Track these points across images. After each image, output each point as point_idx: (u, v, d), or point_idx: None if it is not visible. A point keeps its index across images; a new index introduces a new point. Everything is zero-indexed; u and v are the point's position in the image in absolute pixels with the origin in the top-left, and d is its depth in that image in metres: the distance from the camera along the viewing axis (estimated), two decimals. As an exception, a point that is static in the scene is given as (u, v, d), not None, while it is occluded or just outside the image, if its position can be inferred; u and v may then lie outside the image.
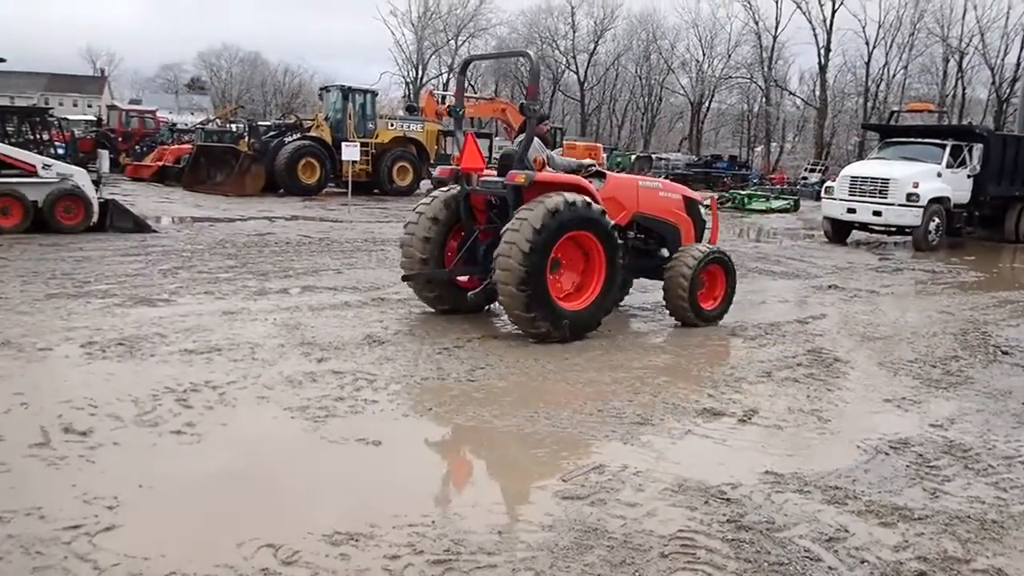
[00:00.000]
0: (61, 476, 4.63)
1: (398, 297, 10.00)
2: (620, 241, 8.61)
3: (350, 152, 22.27)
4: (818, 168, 50.65)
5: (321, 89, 31.78)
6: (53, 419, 5.41)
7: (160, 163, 31.28)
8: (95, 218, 15.39)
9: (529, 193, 8.10)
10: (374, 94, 29.40)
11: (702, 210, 10.14)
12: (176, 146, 34.38)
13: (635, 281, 10.29)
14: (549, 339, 8.02)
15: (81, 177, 15.39)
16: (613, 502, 4.58)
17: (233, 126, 36.92)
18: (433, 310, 9.22)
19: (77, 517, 4.09)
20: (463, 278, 8.95)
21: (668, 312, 9.44)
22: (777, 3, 64.23)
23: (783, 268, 15.22)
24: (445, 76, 78.02)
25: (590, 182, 8.83)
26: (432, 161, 28.16)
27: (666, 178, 46.03)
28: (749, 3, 66.13)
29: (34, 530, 3.94)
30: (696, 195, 10.26)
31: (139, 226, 15.89)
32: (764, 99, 69.73)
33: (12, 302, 8.91)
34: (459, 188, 8.82)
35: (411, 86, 77.49)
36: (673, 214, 9.70)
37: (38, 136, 17.26)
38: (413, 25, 78.11)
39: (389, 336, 8.04)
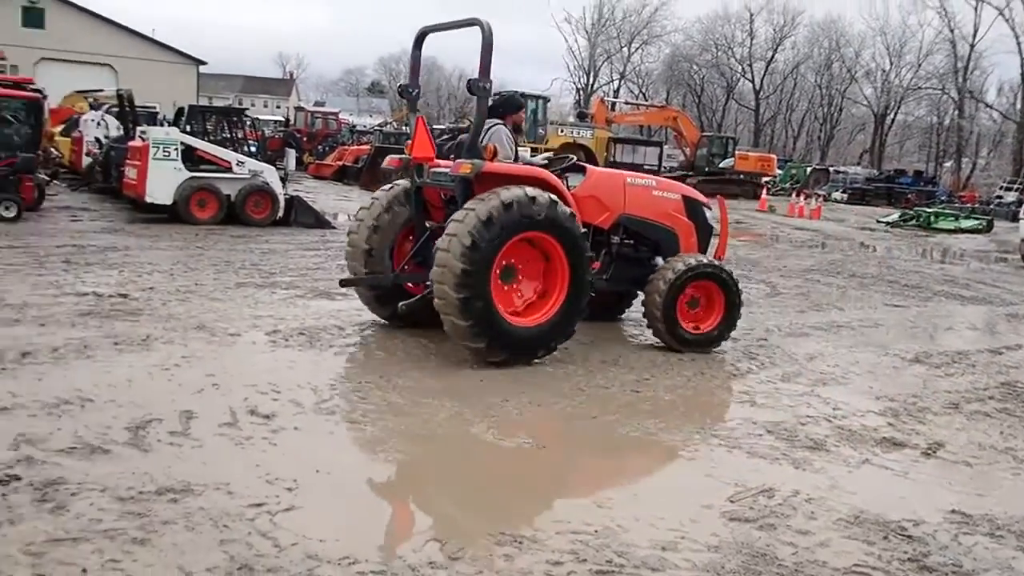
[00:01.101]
0: (247, 455, 4.90)
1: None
2: (591, 252, 7.37)
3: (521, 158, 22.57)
4: (1016, 187, 47.17)
5: (495, 95, 32.39)
6: (240, 401, 5.75)
7: (340, 162, 32.85)
8: (280, 213, 16.33)
9: (481, 187, 6.94)
10: (546, 100, 29.76)
11: (708, 215, 8.80)
12: (355, 147, 36.00)
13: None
14: (490, 359, 6.87)
15: (270, 174, 16.37)
16: (783, 528, 4.40)
17: (408, 129, 38.24)
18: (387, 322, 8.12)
19: (260, 496, 4.31)
20: (414, 283, 7.89)
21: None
22: (976, 10, 60.41)
23: (972, 292, 14.23)
24: (616, 83, 77.88)
25: (563, 177, 7.78)
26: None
27: (843, 192, 44.24)
28: (944, 10, 62.55)
29: (222, 504, 4.18)
30: (700, 196, 8.83)
31: (320, 222, 16.72)
32: (957, 112, 65.61)
33: (206, 289, 9.57)
34: (410, 179, 7.75)
35: (582, 92, 77.84)
36: (669, 217, 8.35)
37: (233, 135, 18.49)
38: (587, 32, 78.51)
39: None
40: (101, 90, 25.65)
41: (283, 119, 49.94)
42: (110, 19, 49.90)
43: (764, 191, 35.85)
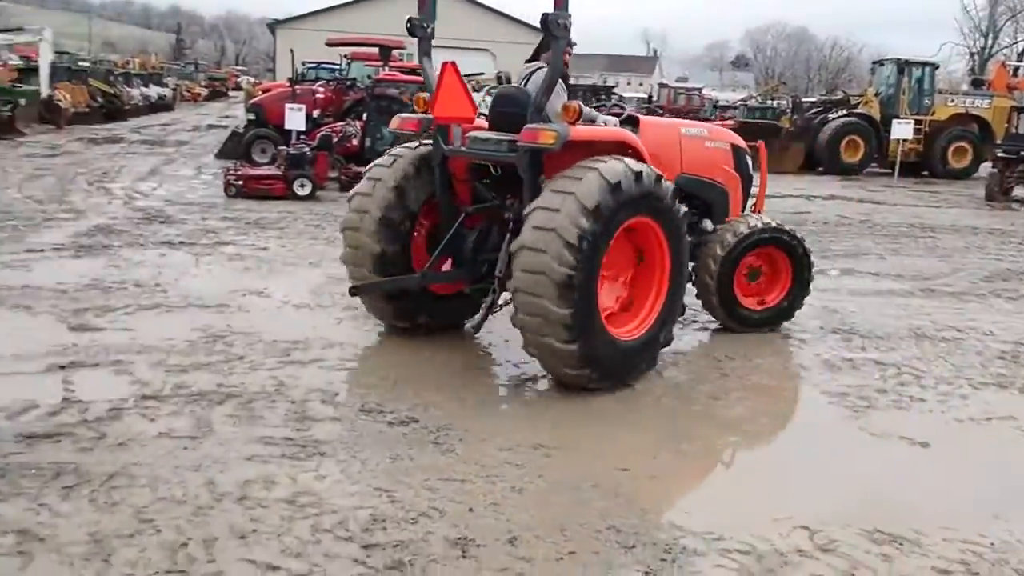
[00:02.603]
0: (606, 421, 5.06)
1: (950, 290, 9.08)
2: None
3: (901, 130, 20.78)
4: None
5: (874, 63, 30.04)
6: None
7: (703, 139, 32.47)
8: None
9: (556, 160, 5.39)
10: (934, 67, 27.00)
11: (749, 163, 7.31)
12: (719, 122, 35.45)
13: None
14: (588, 387, 5.32)
15: (635, 150, 16.65)
16: None
17: (775, 103, 36.84)
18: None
19: (625, 461, 4.42)
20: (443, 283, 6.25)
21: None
22: None
23: None
24: (1022, 45, 68.72)
25: None
26: (997, 141, 25.04)
27: None
28: None
29: (589, 464, 4.36)
30: (742, 142, 7.31)
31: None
32: None
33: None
34: (432, 147, 5.99)
35: (976, 57, 69.76)
36: (723, 172, 6.91)
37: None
38: (989, -11, 69.95)
39: (935, 331, 7.33)
40: (481, 73, 27.65)
41: (646, 96, 50.55)
42: (488, 6, 53.82)
43: None
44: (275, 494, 3.83)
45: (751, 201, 7.48)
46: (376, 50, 19.17)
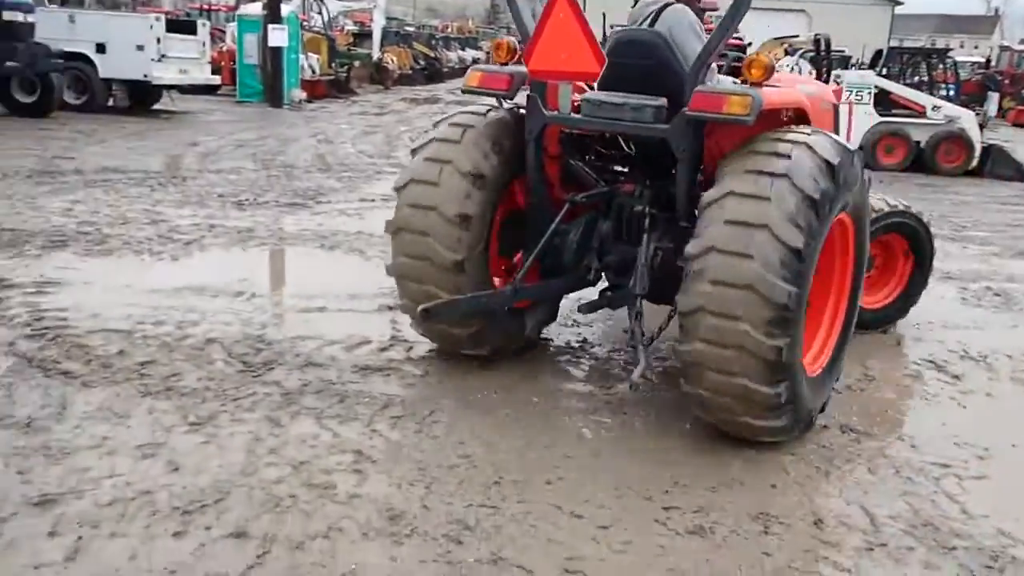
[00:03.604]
0: (931, 412, 4.69)
1: None
2: None
3: None
4: None
5: None
6: (926, 355, 5.51)
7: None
8: (974, 162, 15.04)
9: (716, 135, 4.26)
10: None
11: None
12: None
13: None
14: (765, 439, 3.98)
15: (967, 120, 15.12)
16: None
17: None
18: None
19: (947, 457, 4.08)
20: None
21: None
22: None
23: None
24: None
25: None
26: None
27: None
28: None
29: (906, 456, 4.07)
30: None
31: (1021, 174, 14.99)
32: None
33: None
34: (527, 113, 4.51)
35: None
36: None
37: (930, 77, 17.46)
38: None
39: None
40: (796, 36, 26.31)
41: (982, 60, 45.50)
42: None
43: None
44: (579, 448, 3.96)
45: None
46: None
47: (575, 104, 4.40)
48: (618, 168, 4.92)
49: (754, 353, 3.60)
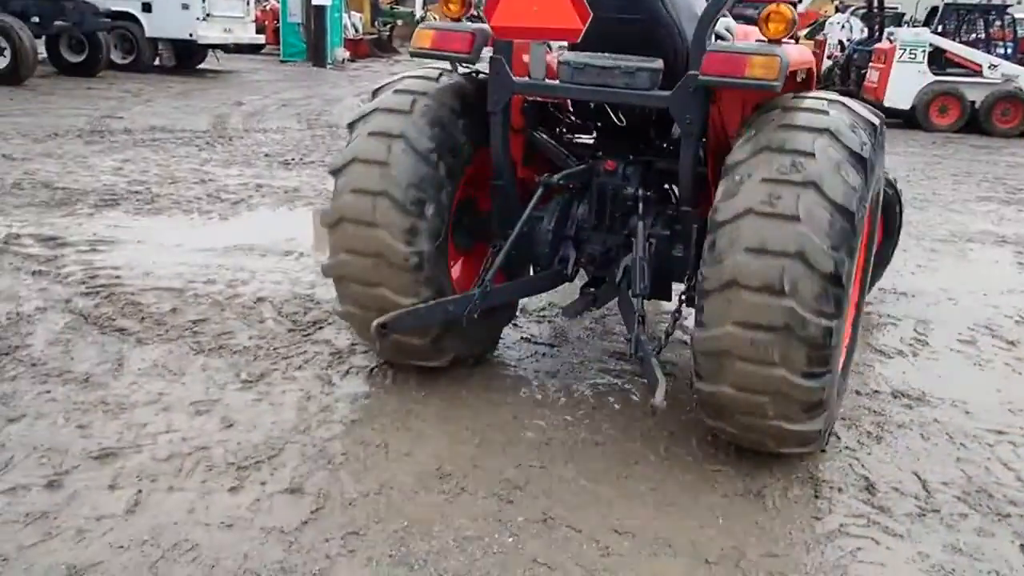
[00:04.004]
0: (985, 378, 4.60)
1: None
2: None
3: None
4: None
5: None
6: (982, 319, 5.41)
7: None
8: (1034, 123, 14.66)
9: (732, 102, 3.60)
10: None
11: None
12: None
13: None
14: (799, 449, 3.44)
15: (1025, 79, 14.71)
16: None
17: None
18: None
19: (1002, 424, 4.02)
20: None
21: None
22: None
23: None
24: None
25: None
26: None
27: None
28: None
29: (959, 422, 4.01)
30: None
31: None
32: None
33: (944, 199, 9.12)
34: (491, 80, 3.77)
35: None
36: None
37: (988, 35, 16.95)
38: None
39: None
40: (839, -2, 25.65)
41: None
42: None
43: None
44: (626, 411, 3.96)
45: None
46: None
47: (552, 70, 3.87)
48: (585, 140, 4.39)
49: (787, 395, 3.07)
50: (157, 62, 17.81)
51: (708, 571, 2.83)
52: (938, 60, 14.93)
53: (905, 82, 14.75)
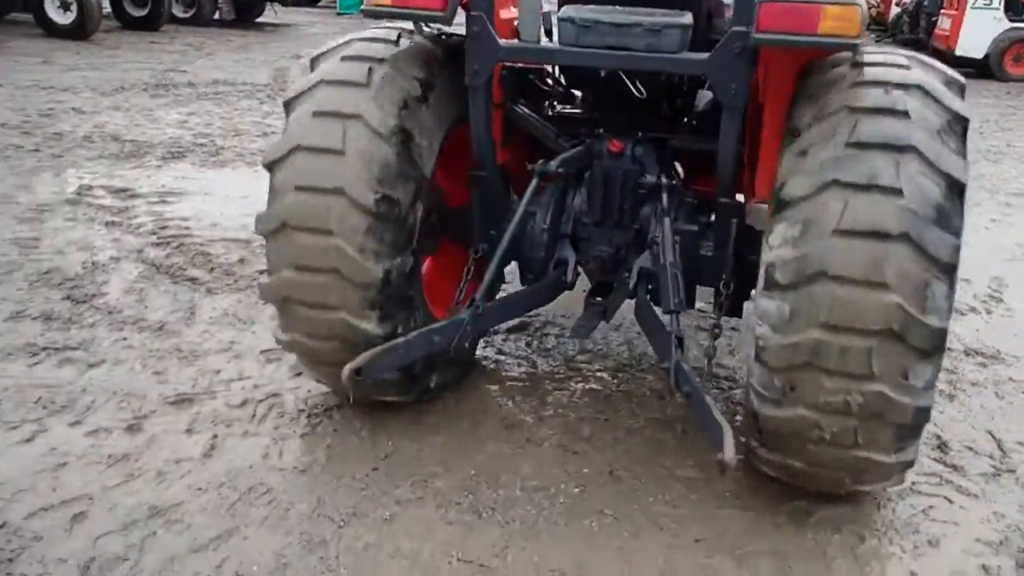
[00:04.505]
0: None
1: None
2: None
3: None
4: None
5: None
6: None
7: None
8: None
9: (780, 64, 2.89)
10: None
11: None
12: None
13: None
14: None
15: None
16: None
17: None
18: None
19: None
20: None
21: None
22: None
23: None
24: None
25: None
26: None
27: None
28: None
29: (1035, 382, 3.93)
30: None
31: None
32: None
33: (1020, 152, 8.82)
34: (469, 44, 2.99)
35: None
36: None
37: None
38: None
39: None
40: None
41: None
42: None
43: None
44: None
45: None
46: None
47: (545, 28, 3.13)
48: (574, 113, 3.71)
49: (884, 417, 2.45)
50: (217, 16, 17.93)
51: (776, 523, 2.82)
52: (1015, 6, 14.31)
53: (979, 29, 14.20)
